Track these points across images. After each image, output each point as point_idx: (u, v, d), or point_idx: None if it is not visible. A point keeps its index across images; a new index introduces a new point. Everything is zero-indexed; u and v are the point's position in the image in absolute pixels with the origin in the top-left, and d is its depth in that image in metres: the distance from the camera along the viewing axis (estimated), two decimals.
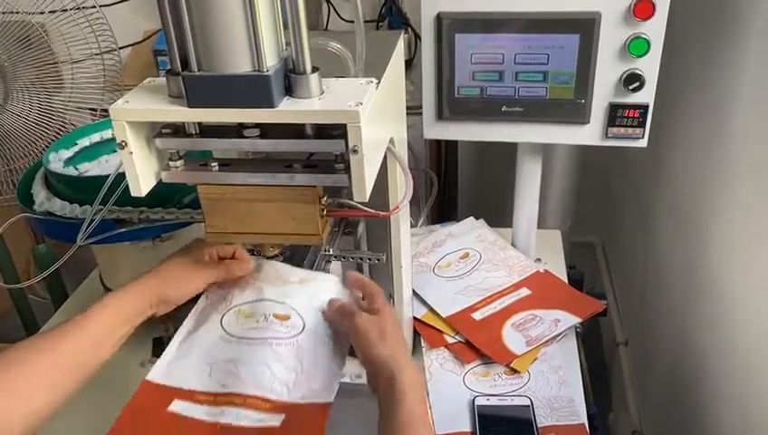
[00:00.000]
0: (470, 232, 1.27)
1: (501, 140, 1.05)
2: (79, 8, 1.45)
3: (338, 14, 1.82)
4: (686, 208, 1.23)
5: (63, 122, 1.53)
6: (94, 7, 1.47)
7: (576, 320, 1.05)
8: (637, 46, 0.91)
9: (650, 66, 0.93)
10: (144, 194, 0.67)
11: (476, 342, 1.02)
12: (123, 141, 0.64)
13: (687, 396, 1.15)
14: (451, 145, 1.82)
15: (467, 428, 0.92)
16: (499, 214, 1.34)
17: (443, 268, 1.19)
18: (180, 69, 0.61)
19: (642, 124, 0.97)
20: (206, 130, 0.68)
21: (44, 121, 1.52)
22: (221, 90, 0.60)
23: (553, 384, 0.97)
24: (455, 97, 1.01)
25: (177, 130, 0.67)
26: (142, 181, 0.67)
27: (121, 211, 1.00)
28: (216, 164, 0.70)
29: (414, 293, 1.07)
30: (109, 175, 0.86)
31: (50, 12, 1.46)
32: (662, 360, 1.34)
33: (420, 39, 1.00)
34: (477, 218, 1.31)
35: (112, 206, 0.90)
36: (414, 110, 0.99)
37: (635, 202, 1.65)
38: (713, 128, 1.09)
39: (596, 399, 1.08)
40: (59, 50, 1.51)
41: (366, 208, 0.74)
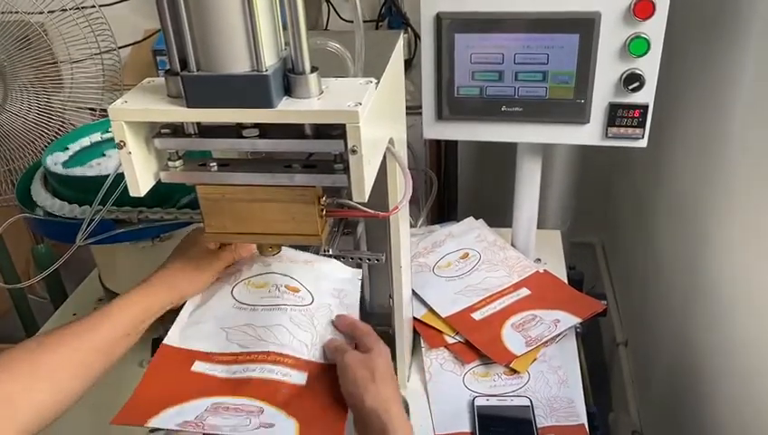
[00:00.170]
0: (470, 232, 1.27)
1: (500, 140, 1.05)
2: (78, 8, 1.45)
3: (338, 14, 1.82)
4: (686, 208, 1.22)
5: (63, 122, 1.53)
6: (94, 7, 1.47)
7: (576, 320, 1.05)
8: (637, 46, 0.91)
9: (650, 66, 0.93)
10: (143, 194, 0.67)
11: (476, 342, 1.02)
12: (122, 141, 0.63)
13: (687, 396, 1.15)
14: (451, 145, 1.82)
15: (467, 428, 0.92)
16: (499, 214, 1.34)
17: (443, 268, 1.18)
18: (179, 69, 0.60)
19: (642, 124, 0.97)
20: (205, 131, 0.67)
21: (44, 121, 1.52)
22: (220, 90, 0.60)
23: (553, 384, 0.97)
24: (454, 97, 1.01)
25: (175, 131, 0.67)
26: (141, 181, 0.67)
27: (120, 211, 1.00)
28: (215, 164, 0.70)
29: (414, 293, 1.07)
30: (108, 175, 0.86)
31: (49, 12, 1.45)
32: (662, 360, 1.34)
33: (420, 39, 1.00)
34: (477, 218, 1.31)
35: (111, 206, 0.90)
36: (414, 110, 0.99)
37: (635, 202, 1.65)
38: (713, 128, 1.09)
39: (596, 399, 1.08)
40: (58, 50, 1.51)
41: (365, 209, 0.74)
